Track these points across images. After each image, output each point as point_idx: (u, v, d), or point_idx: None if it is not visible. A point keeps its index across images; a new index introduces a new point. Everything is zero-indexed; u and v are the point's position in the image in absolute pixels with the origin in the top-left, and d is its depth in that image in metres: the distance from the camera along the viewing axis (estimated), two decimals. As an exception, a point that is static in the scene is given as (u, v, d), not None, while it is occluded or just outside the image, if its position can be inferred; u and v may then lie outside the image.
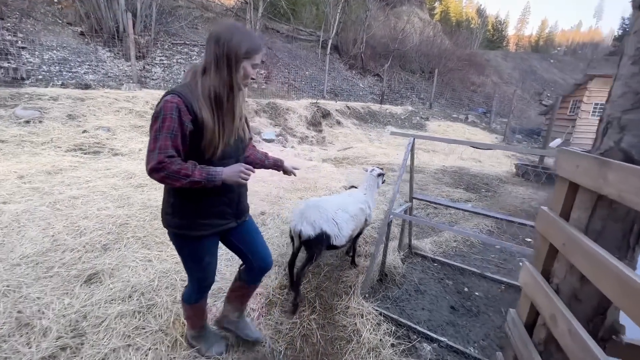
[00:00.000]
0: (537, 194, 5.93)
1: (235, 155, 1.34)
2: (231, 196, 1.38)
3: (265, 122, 9.34)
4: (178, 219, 1.31)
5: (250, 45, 1.21)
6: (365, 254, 2.76)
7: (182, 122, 1.14)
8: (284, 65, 14.66)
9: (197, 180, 1.15)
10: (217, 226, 1.38)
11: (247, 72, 1.25)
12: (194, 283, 1.49)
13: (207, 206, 1.32)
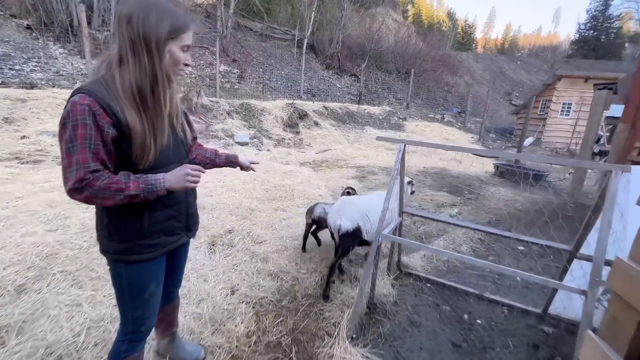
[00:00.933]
0: (519, 194, 5.85)
1: (177, 159, 1.12)
2: (179, 207, 1.17)
3: (238, 123, 8.79)
4: (117, 243, 1.06)
5: (173, 23, 0.98)
6: (350, 279, 2.39)
7: (99, 128, 0.90)
8: (258, 65, 14.10)
9: (134, 194, 0.94)
10: (166, 245, 1.16)
11: (176, 57, 1.01)
12: (128, 326, 1.19)
13: (152, 223, 1.09)
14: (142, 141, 0.97)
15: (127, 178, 0.95)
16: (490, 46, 72.84)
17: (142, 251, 1.09)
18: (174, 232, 1.18)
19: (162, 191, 0.99)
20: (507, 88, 24.70)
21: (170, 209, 1.13)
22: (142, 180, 0.96)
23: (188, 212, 1.22)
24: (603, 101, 4.99)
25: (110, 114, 0.92)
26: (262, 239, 2.86)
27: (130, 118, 0.95)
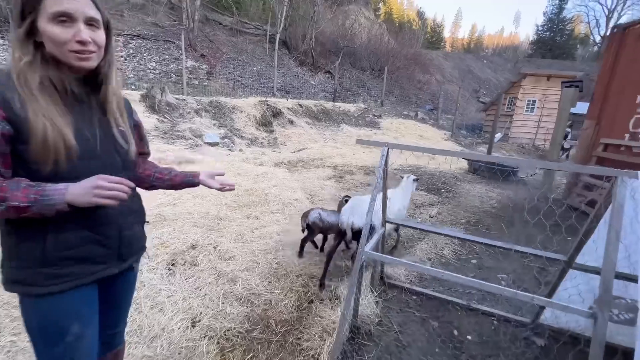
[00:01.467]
0: (492, 191, 5.91)
1: (105, 173, 0.82)
2: (105, 230, 0.92)
3: (207, 122, 8.28)
4: (15, 269, 0.84)
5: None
6: (330, 297, 2.15)
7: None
8: (229, 60, 13.49)
9: (20, 206, 0.73)
10: (83, 275, 0.89)
11: (51, 34, 0.77)
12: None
13: (59, 247, 0.84)
14: (42, 141, 0.76)
15: (16, 185, 0.74)
16: (457, 45, 75.63)
17: (44, 282, 0.84)
18: (96, 260, 0.91)
19: (61, 205, 0.76)
20: (475, 86, 25.63)
21: (87, 231, 0.88)
22: (35, 189, 0.75)
23: (121, 236, 0.96)
24: (571, 98, 5.12)
25: (4, 106, 0.74)
26: (230, 254, 2.55)
27: (31, 113, 0.76)
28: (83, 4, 0.79)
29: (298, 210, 3.85)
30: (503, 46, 71.98)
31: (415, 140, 11.17)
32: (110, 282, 0.99)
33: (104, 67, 0.89)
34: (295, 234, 3.14)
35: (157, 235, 2.68)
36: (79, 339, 0.90)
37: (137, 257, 1.07)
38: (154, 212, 3.19)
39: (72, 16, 0.77)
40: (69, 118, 0.81)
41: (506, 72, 29.80)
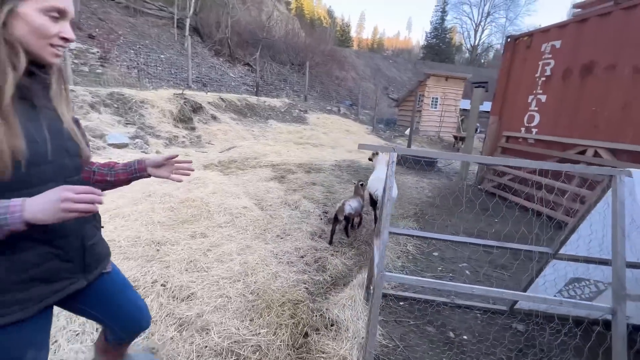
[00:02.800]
0: (422, 181, 6.47)
1: (58, 178, 0.78)
2: (65, 242, 0.82)
3: (109, 119, 6.77)
4: None
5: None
6: (324, 324, 1.87)
7: None
8: (127, 44, 11.37)
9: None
10: (45, 297, 0.81)
11: (38, 24, 0.71)
12: None
13: (16, 270, 0.74)
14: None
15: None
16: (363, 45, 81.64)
17: (2, 310, 0.74)
18: (59, 277, 0.84)
19: (17, 226, 0.66)
20: (384, 83, 28.04)
21: (48, 246, 0.79)
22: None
23: (84, 246, 0.89)
24: (480, 98, 5.92)
25: None
26: (187, 290, 2.01)
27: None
28: (71, 4, 0.78)
29: (251, 220, 3.41)
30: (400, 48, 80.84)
31: (343, 135, 11.51)
32: (79, 297, 0.93)
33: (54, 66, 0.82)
34: (259, 249, 2.74)
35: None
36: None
37: (104, 264, 0.99)
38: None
39: (65, 13, 0.76)
40: (10, 122, 0.69)
41: (408, 71, 33.51)
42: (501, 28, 51.68)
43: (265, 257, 2.62)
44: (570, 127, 4.48)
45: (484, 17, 49.99)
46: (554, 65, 4.82)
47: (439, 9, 53.46)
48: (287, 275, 2.34)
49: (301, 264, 2.62)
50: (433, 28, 54.62)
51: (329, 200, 4.58)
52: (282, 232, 3.27)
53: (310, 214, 3.90)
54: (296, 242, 3.01)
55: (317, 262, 2.69)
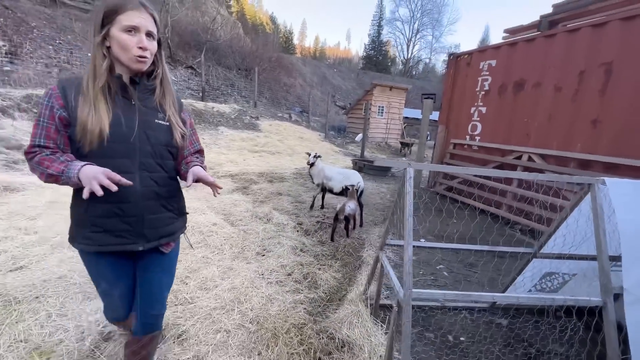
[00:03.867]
0: (382, 187, 6.76)
1: (134, 155, 1.08)
2: (126, 207, 1.08)
3: (27, 127, 5.68)
4: (71, 225, 1.12)
5: (107, 7, 0.99)
6: (336, 346, 1.79)
7: (52, 109, 1.00)
8: (44, 39, 9.75)
9: (53, 174, 0.96)
10: (105, 243, 1.09)
11: (121, 40, 1.00)
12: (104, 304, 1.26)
13: (90, 213, 1.06)
14: (83, 122, 0.98)
15: (58, 158, 0.97)
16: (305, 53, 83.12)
17: (78, 239, 1.09)
18: (119, 234, 1.09)
19: (74, 180, 0.95)
20: (331, 91, 28.85)
21: (111, 205, 1.06)
22: (65, 164, 0.96)
23: (144, 217, 1.11)
24: (429, 108, 6.44)
25: (63, 97, 1.00)
26: (177, 329, 1.74)
27: (79, 101, 1.00)
28: (146, 20, 1.04)
29: (224, 238, 3.15)
30: (341, 57, 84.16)
31: (297, 142, 11.46)
32: (141, 260, 1.20)
33: (159, 75, 1.14)
34: (242, 270, 2.54)
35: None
36: (106, 295, 1.19)
37: (165, 240, 1.19)
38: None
39: (138, 28, 1.02)
40: (110, 110, 1.02)
41: (351, 80, 35.04)
42: (428, 44, 57.60)
43: (253, 279, 2.43)
44: (507, 135, 5.13)
45: (414, 33, 55.02)
46: (491, 81, 5.49)
47: (375, 23, 57.21)
48: (282, 297, 2.20)
49: (291, 283, 2.50)
50: (371, 40, 58.17)
51: (300, 211, 4.48)
52: (262, 248, 3.09)
53: (285, 227, 3.76)
54: (280, 259, 2.86)
55: (307, 279, 2.59)
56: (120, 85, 1.05)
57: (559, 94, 4.35)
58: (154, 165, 1.12)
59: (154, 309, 1.25)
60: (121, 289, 1.19)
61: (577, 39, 4.11)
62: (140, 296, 1.22)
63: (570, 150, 4.15)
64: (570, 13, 4.54)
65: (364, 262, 3.03)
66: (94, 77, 1.00)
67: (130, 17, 1.00)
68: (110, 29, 0.99)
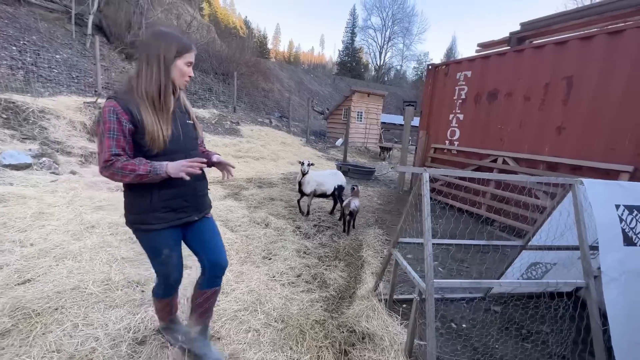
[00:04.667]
0: (367, 189, 7.02)
1: (184, 150, 1.42)
2: (185, 190, 1.44)
3: (-3, 134, 5.33)
4: (133, 215, 1.41)
5: (179, 46, 1.34)
6: (358, 338, 1.93)
7: (120, 123, 1.23)
8: (6, 39, 9.12)
9: (142, 174, 1.24)
10: (172, 220, 1.44)
11: (183, 70, 1.37)
12: (159, 278, 1.56)
13: (160, 199, 1.38)
14: (152, 132, 1.29)
15: (139, 162, 1.25)
16: (280, 58, 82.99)
17: (152, 222, 1.39)
18: (183, 210, 1.46)
19: (164, 174, 1.28)
20: (308, 96, 29.12)
21: (176, 189, 1.41)
22: (150, 165, 1.26)
23: (196, 195, 1.50)
24: (411, 115, 6.81)
25: (128, 112, 1.25)
26: (206, 330, 1.81)
27: (144, 115, 1.27)
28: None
29: (228, 243, 3.20)
30: (315, 63, 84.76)
31: (280, 147, 11.52)
32: (193, 226, 1.55)
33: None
34: (253, 274, 2.62)
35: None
36: (169, 258, 1.47)
37: (207, 211, 1.61)
38: (5, 307, 1.80)
39: (192, 63, 1.42)
40: (164, 116, 1.33)
41: (328, 86, 35.58)
42: (400, 52, 59.87)
43: (266, 282, 2.52)
44: (484, 140, 5.57)
45: (386, 41, 56.99)
46: (467, 90, 5.94)
47: (349, 30, 58.51)
48: (299, 297, 2.32)
49: (303, 283, 2.61)
50: (345, 47, 59.36)
51: (295, 215, 4.59)
52: (267, 252, 3.17)
53: (284, 231, 3.86)
54: (287, 262, 2.97)
55: (316, 279, 2.72)
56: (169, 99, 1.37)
57: (528, 103, 4.83)
58: (195, 156, 1.44)
59: (222, 259, 1.58)
60: (177, 254, 1.50)
61: (543, 55, 4.61)
62: (208, 250, 1.55)
63: (539, 153, 4.62)
64: (536, 31, 5.07)
65: (366, 261, 3.21)
66: (162, 96, 1.31)
67: (192, 56, 1.40)
68: (177, 60, 1.34)
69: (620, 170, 3.72)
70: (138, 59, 1.32)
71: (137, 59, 1.33)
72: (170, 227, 1.42)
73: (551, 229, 2.19)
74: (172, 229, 1.44)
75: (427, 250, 1.58)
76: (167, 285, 1.56)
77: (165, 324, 1.71)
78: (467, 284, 1.57)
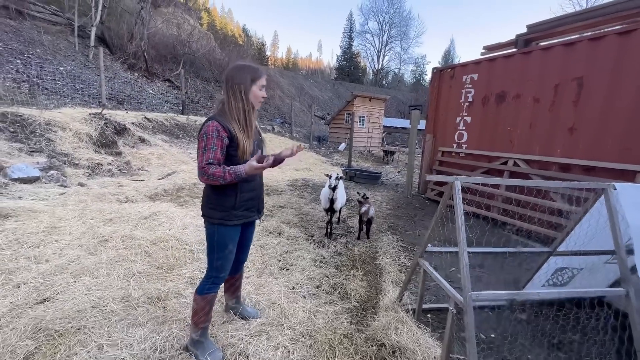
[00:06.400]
0: (375, 195, 6.96)
1: (256, 153, 1.67)
2: (258, 192, 1.81)
3: (6, 147, 5.35)
4: (218, 212, 1.66)
5: (252, 75, 1.64)
6: (393, 350, 1.87)
7: (220, 138, 1.55)
8: (10, 52, 9.18)
9: (229, 180, 1.53)
10: (247, 217, 1.75)
11: (257, 94, 1.67)
12: (212, 271, 1.74)
13: (242, 200, 1.69)
14: (243, 145, 1.61)
15: (224, 170, 1.52)
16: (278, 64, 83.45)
17: (232, 219, 1.68)
18: (251, 210, 1.78)
19: (244, 176, 1.55)
20: (308, 101, 29.23)
21: (253, 192, 1.76)
22: (232, 172, 1.53)
23: (260, 197, 1.86)
24: (417, 118, 6.79)
25: (227, 130, 1.57)
26: (233, 347, 1.76)
27: (237, 133, 1.59)
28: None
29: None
30: (313, 68, 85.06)
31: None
32: (247, 227, 1.91)
33: None
34: (272, 285, 2.57)
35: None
36: (230, 253, 1.75)
37: (262, 214, 1.92)
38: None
39: (265, 87, 1.71)
40: (249, 133, 1.65)
41: (328, 91, 35.71)
42: (397, 55, 60.21)
43: (287, 294, 2.47)
44: (492, 142, 5.54)
45: (384, 45, 57.35)
46: (474, 93, 5.92)
47: (346, 35, 58.92)
48: (322, 310, 2.26)
49: (323, 294, 2.56)
50: (343, 52, 59.72)
51: (307, 223, 4.54)
52: (283, 263, 3.12)
53: (298, 239, 3.81)
54: (305, 272, 2.92)
55: (337, 290, 2.67)
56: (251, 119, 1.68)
57: (538, 105, 4.80)
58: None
59: (246, 257, 2.05)
60: (236, 247, 1.77)
61: (551, 56, 4.59)
62: (242, 252, 1.95)
63: (551, 155, 4.58)
64: (543, 33, 5.06)
65: (384, 269, 3.15)
66: (247, 118, 1.63)
67: (263, 80, 1.68)
68: (252, 86, 1.63)
69: (636, 170, 3.67)
70: (225, 89, 1.62)
71: (225, 88, 1.62)
72: (241, 224, 1.72)
73: (580, 234, 2.14)
74: (240, 227, 1.73)
75: (462, 260, 1.53)
76: (217, 279, 1.74)
77: (199, 332, 1.73)
78: (506, 295, 1.52)
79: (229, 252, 1.71)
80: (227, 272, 1.77)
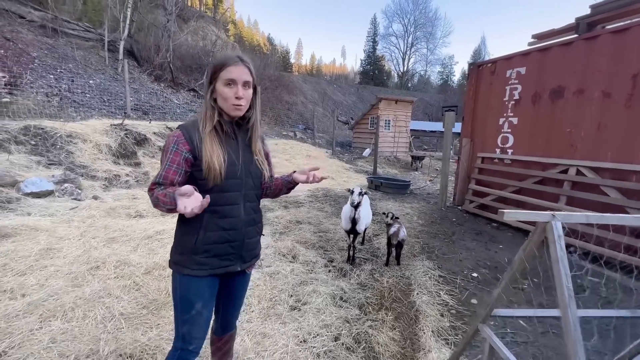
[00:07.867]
0: (404, 207, 6.24)
1: (241, 189, 1.25)
2: (235, 234, 1.25)
3: (24, 160, 5.30)
4: (178, 254, 1.23)
5: (214, 67, 1.19)
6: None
7: (179, 153, 1.15)
8: (44, 68, 9.57)
9: (165, 200, 1.04)
10: (215, 267, 1.24)
11: (224, 94, 1.17)
12: (178, 341, 1.25)
13: (205, 241, 1.20)
14: (207, 162, 1.15)
15: (166, 191, 1.06)
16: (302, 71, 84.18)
17: (192, 266, 1.20)
18: (225, 257, 1.25)
19: (174, 202, 1.02)
20: (332, 107, 28.81)
21: (225, 232, 1.22)
22: (167, 193, 1.05)
23: (244, 241, 1.28)
24: (452, 120, 6.03)
25: (190, 143, 1.16)
26: None
27: (202, 144, 1.16)
28: (242, 73, 1.17)
29: (250, 287, 2.63)
30: (337, 74, 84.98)
31: (306, 161, 11.05)
32: (231, 279, 1.36)
33: (252, 118, 1.29)
34: (278, 337, 2.02)
35: None
36: (199, 315, 1.23)
37: (253, 261, 1.38)
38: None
39: (235, 81, 1.16)
40: (223, 151, 1.20)
41: (352, 95, 35.12)
42: (423, 57, 58.39)
43: (295, 350, 1.91)
44: (547, 147, 4.67)
45: (409, 47, 55.90)
46: (521, 89, 5.09)
47: (370, 39, 58.19)
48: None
49: (343, 352, 1.97)
50: (366, 56, 58.99)
51: (326, 244, 3.97)
52: (295, 300, 2.57)
53: (314, 266, 3.26)
54: (320, 315, 2.34)
55: (360, 344, 2.07)
56: (227, 128, 1.22)
57: (609, 100, 3.92)
58: (253, 196, 1.30)
59: (235, 317, 1.50)
60: (210, 308, 1.29)
61: (626, 40, 3.72)
62: (225, 308, 1.43)
63: (630, 162, 3.68)
64: (612, 13, 4.17)
65: (420, 311, 2.50)
66: (204, 124, 1.17)
67: (229, 72, 1.15)
68: (215, 85, 1.18)
69: None
70: None
71: None
72: (210, 276, 1.23)
73: None
74: (211, 278, 1.25)
75: (570, 335, 0.89)
76: (185, 353, 1.24)
77: None
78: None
79: (197, 313, 1.22)
80: (200, 343, 1.26)
